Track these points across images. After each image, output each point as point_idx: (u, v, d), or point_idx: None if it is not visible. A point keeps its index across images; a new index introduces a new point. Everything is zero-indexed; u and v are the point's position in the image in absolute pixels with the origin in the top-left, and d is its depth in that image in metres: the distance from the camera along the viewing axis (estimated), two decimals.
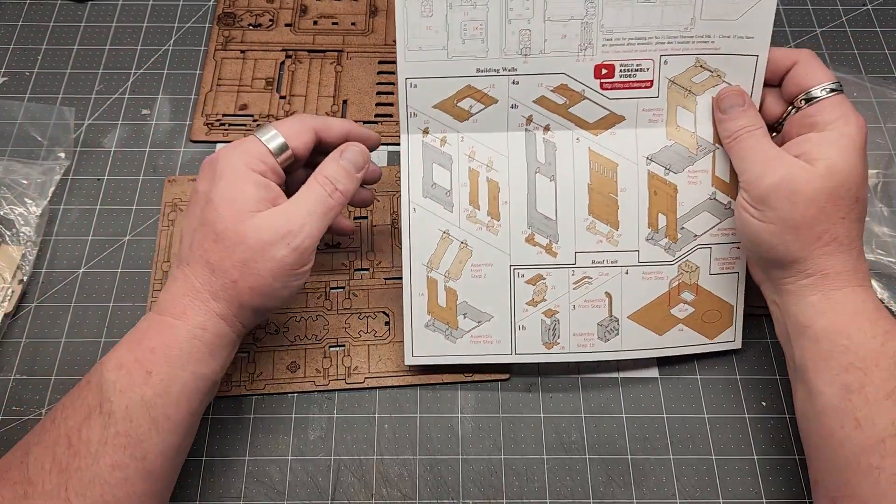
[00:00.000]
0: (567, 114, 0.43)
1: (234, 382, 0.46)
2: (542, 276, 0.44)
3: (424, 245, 0.44)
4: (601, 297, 0.44)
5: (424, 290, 0.44)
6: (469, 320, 0.45)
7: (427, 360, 0.45)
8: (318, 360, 0.47)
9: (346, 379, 0.46)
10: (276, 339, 0.47)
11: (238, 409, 0.45)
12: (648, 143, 0.44)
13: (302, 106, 0.56)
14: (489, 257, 0.44)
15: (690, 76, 0.43)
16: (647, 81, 0.43)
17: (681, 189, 0.44)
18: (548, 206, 0.44)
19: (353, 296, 0.49)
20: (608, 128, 0.44)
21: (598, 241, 0.44)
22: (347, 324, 0.48)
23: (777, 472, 0.43)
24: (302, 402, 0.45)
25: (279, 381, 0.46)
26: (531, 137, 0.44)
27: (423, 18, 0.41)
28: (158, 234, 0.50)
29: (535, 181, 0.44)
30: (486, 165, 0.44)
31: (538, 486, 0.43)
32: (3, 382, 0.45)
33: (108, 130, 0.55)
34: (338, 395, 0.46)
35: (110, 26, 0.60)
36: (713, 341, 0.45)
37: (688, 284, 0.45)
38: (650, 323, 0.45)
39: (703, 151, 0.44)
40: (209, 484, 0.43)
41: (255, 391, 0.46)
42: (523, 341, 0.45)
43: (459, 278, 0.44)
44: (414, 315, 0.44)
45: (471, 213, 0.44)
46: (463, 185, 0.44)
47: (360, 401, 0.46)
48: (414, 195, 0.44)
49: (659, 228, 0.44)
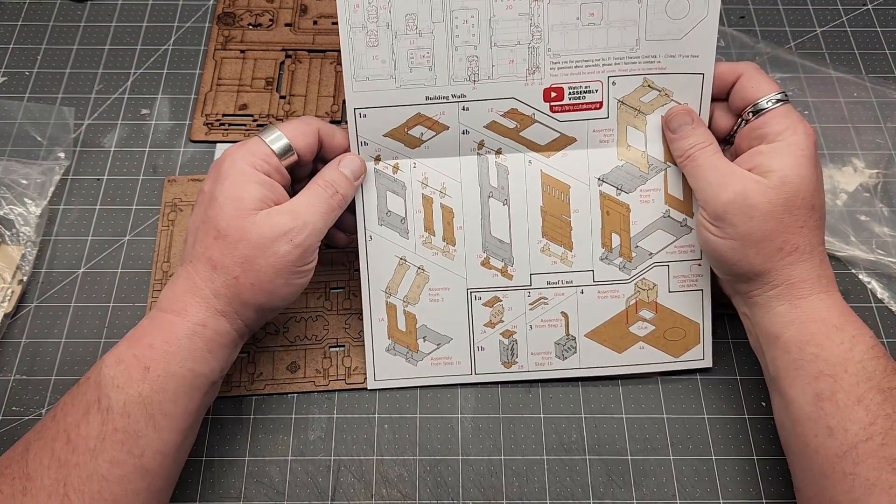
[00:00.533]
0: (518, 137, 0.43)
1: (234, 383, 0.46)
2: (499, 298, 0.45)
3: (382, 271, 0.45)
4: (557, 316, 0.45)
5: (384, 315, 0.45)
6: (429, 343, 0.45)
7: (389, 384, 0.46)
8: (318, 361, 0.47)
9: (346, 379, 0.46)
10: (276, 340, 0.47)
11: (238, 409, 0.45)
12: (600, 163, 0.44)
13: (302, 106, 0.56)
14: (446, 281, 0.45)
15: (639, 96, 0.43)
16: (596, 103, 0.43)
17: (634, 208, 0.44)
18: (502, 229, 0.44)
19: (353, 296, 0.49)
20: (560, 149, 0.44)
21: (552, 262, 0.45)
22: (347, 324, 0.48)
23: (777, 473, 0.43)
24: (302, 403, 0.45)
25: (279, 381, 0.46)
26: (483, 162, 0.44)
27: (368, 48, 0.41)
28: (158, 234, 0.50)
29: (489, 205, 0.44)
30: (439, 192, 0.44)
31: (538, 487, 0.43)
32: (3, 382, 0.45)
33: (108, 130, 0.55)
34: (338, 396, 0.46)
35: (110, 26, 0.60)
36: (679, 359, 0.46)
37: (646, 302, 0.45)
38: (608, 341, 0.45)
39: (654, 170, 0.44)
40: (209, 484, 0.43)
41: (255, 391, 0.46)
42: (482, 362, 0.45)
43: (418, 303, 0.45)
44: (375, 339, 0.45)
45: (426, 239, 0.44)
46: (417, 211, 0.44)
47: (360, 401, 0.46)
48: (370, 223, 0.44)
49: (613, 248, 0.44)
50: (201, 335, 0.37)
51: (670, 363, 0.45)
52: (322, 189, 0.40)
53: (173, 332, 0.36)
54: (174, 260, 0.49)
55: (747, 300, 0.40)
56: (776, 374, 0.39)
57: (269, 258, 0.37)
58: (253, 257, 0.37)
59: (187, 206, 0.52)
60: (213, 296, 0.37)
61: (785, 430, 0.39)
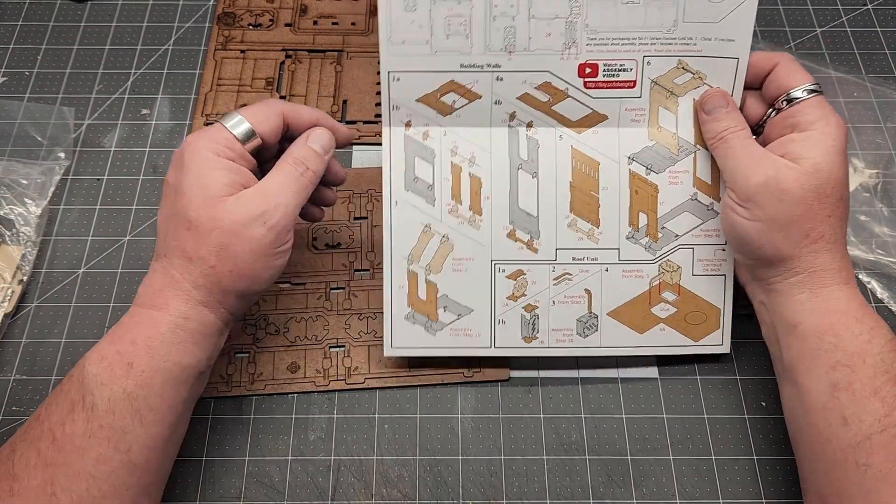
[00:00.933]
0: (550, 111, 0.43)
1: (235, 383, 0.46)
2: (523, 271, 0.44)
3: (406, 238, 0.44)
4: (581, 293, 0.45)
5: (405, 283, 0.44)
6: (449, 313, 0.45)
7: (405, 352, 0.45)
8: (318, 361, 0.47)
9: (346, 379, 0.46)
10: (276, 340, 0.47)
11: (238, 409, 0.45)
12: (630, 142, 0.44)
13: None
14: (470, 252, 0.44)
15: (672, 77, 0.43)
16: (630, 81, 0.43)
17: (662, 189, 0.44)
18: (530, 202, 0.44)
19: (353, 296, 0.49)
20: (591, 126, 0.44)
21: (578, 238, 0.44)
22: (348, 324, 0.48)
23: (777, 472, 0.43)
24: (302, 403, 0.45)
25: (279, 381, 0.46)
26: (514, 134, 0.44)
27: (406, 13, 0.41)
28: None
29: (518, 177, 0.44)
30: (468, 161, 0.44)
31: (538, 487, 0.43)
32: (3, 383, 0.45)
33: (108, 130, 0.55)
34: (338, 396, 0.46)
35: (110, 26, 0.60)
36: (698, 343, 0.45)
37: (669, 284, 0.45)
38: (630, 321, 0.45)
39: (684, 152, 0.44)
40: (209, 484, 0.43)
41: (255, 391, 0.46)
42: (503, 335, 0.45)
43: (440, 272, 0.44)
44: (394, 307, 0.45)
45: (453, 207, 0.44)
46: (445, 179, 0.44)
47: (360, 401, 0.46)
48: (396, 188, 0.44)
49: (639, 227, 0.44)
50: (184, 328, 0.37)
51: (689, 347, 0.45)
52: (292, 167, 0.39)
53: (156, 327, 0.36)
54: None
55: (767, 287, 0.40)
56: (791, 363, 0.39)
57: (244, 243, 0.37)
58: (228, 244, 0.36)
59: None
60: (192, 287, 0.37)
61: (796, 421, 0.39)
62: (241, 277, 0.37)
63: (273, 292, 0.49)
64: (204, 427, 0.44)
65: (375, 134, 0.55)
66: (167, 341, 0.36)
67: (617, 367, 0.47)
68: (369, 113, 0.56)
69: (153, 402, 0.35)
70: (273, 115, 0.40)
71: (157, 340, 0.36)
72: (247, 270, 0.37)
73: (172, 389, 0.36)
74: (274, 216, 0.37)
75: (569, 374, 0.46)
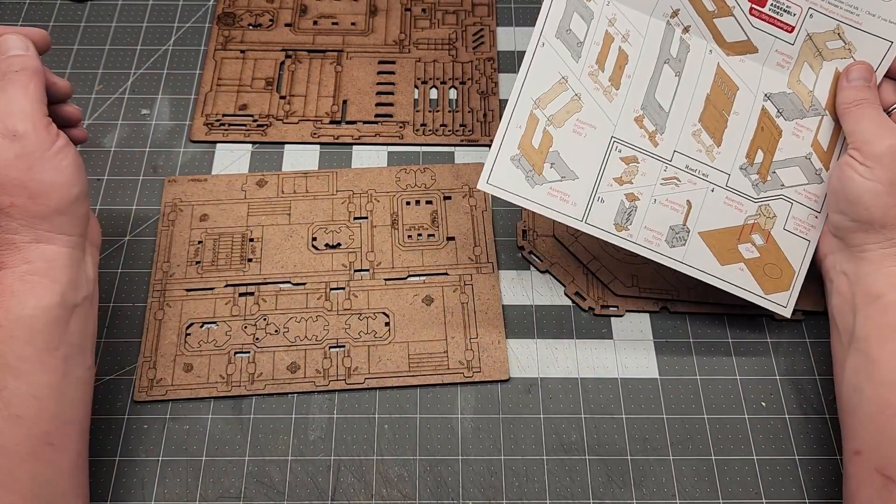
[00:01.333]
0: (711, 23, 0.45)
1: (235, 383, 0.46)
2: (637, 159, 0.45)
3: (540, 82, 0.45)
4: (682, 202, 0.45)
5: (524, 124, 0.45)
6: (554, 171, 0.45)
7: (499, 193, 0.45)
8: (318, 361, 0.47)
9: (347, 379, 0.46)
10: (276, 340, 0.47)
11: (238, 409, 0.45)
12: (770, 82, 0.45)
13: (302, 105, 0.56)
14: (596, 119, 0.45)
15: (825, 40, 0.44)
16: (789, 26, 0.44)
17: (784, 135, 0.45)
18: (665, 96, 0.45)
19: (354, 296, 0.49)
20: (740, 54, 0.45)
21: (698, 149, 0.45)
22: (347, 324, 0.48)
23: (777, 472, 0.43)
24: (302, 403, 0.45)
25: (279, 381, 0.46)
26: (669, 31, 0.45)
27: None
28: (158, 234, 0.50)
29: (662, 70, 0.45)
30: (622, 36, 0.45)
31: (538, 487, 0.43)
32: None
33: (108, 130, 0.55)
34: (338, 396, 0.46)
35: (110, 26, 0.60)
36: (766, 296, 0.46)
37: (761, 228, 0.45)
38: (716, 248, 0.45)
39: (813, 111, 0.45)
40: (209, 484, 0.43)
41: (255, 391, 0.46)
42: (597, 213, 0.45)
43: (561, 127, 0.45)
44: (504, 144, 0.45)
45: (594, 71, 0.45)
46: (595, 43, 0.45)
47: (360, 401, 0.46)
48: (547, 30, 0.44)
49: (754, 163, 0.45)
50: (32, 271, 0.36)
51: (758, 297, 0.46)
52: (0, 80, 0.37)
53: (2, 283, 0.36)
54: (174, 260, 0.49)
55: (856, 255, 0.41)
56: (865, 335, 0.39)
57: (12, 164, 0.36)
58: (2, 177, 0.36)
59: (187, 205, 0.52)
60: (13, 234, 0.36)
61: (859, 393, 0.39)
62: (39, 195, 0.36)
63: (273, 292, 0.49)
64: (204, 427, 0.44)
65: (375, 134, 0.55)
66: (18, 291, 0.36)
67: (617, 367, 0.47)
68: (369, 113, 0.56)
69: (24, 352, 0.35)
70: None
71: (7, 295, 0.35)
72: (37, 186, 0.36)
73: (44, 333, 0.36)
74: (14, 123, 0.36)
75: (569, 374, 0.46)
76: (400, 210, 0.52)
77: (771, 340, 0.48)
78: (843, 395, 0.40)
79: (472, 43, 0.60)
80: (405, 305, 0.48)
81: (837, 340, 0.42)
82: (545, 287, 0.49)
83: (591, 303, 0.49)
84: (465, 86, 0.58)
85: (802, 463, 0.44)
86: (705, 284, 0.45)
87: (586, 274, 0.49)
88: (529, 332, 0.48)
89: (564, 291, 0.49)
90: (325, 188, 0.53)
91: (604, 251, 0.50)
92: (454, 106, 0.57)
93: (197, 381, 0.46)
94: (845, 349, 0.41)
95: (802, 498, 0.43)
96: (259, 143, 0.55)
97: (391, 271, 0.50)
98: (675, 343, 0.47)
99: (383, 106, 0.57)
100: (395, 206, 0.52)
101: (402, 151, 0.55)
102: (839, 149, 0.45)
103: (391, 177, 0.53)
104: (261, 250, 0.50)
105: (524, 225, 0.51)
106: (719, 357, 0.47)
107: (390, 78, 0.58)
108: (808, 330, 0.48)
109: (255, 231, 0.51)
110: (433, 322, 0.48)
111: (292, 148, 0.55)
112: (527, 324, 0.48)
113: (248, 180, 0.53)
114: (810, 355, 0.47)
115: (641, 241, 0.45)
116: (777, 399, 0.46)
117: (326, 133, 0.55)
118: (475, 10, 0.62)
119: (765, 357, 0.47)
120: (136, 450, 0.44)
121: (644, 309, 0.48)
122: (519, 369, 0.47)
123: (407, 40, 0.60)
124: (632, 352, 0.47)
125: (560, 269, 0.50)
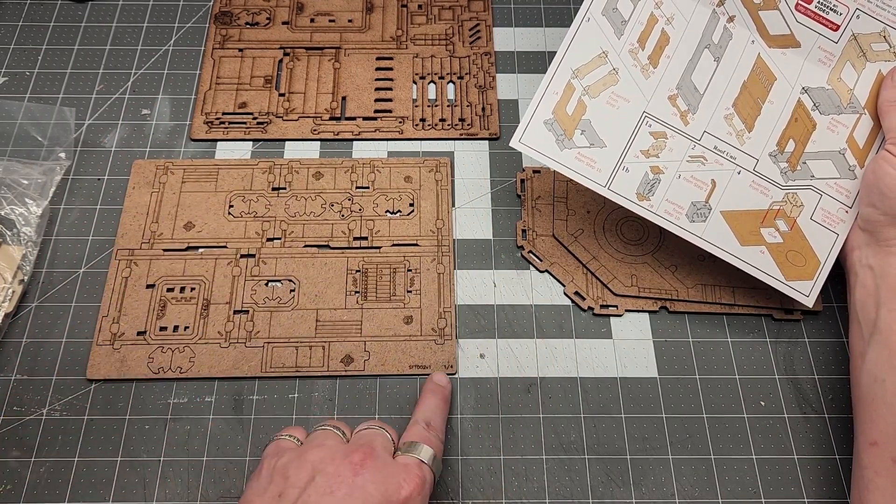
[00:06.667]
0: (756, 14, 0.46)
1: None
2: (667, 135, 0.46)
3: (580, 54, 0.46)
4: (706, 181, 0.46)
5: (560, 91, 0.46)
6: (584, 138, 0.46)
7: (529, 152, 0.46)
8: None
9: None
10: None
11: (238, 409, 0.45)
12: (810, 77, 0.46)
13: (301, 103, 0.56)
14: (630, 94, 0.46)
15: (871, 41, 0.45)
16: (834, 24, 0.45)
17: (819, 129, 0.46)
18: (702, 79, 0.46)
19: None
20: (782, 47, 0.46)
21: (728, 132, 0.46)
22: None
23: (775, 472, 0.43)
24: (302, 403, 0.46)
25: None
26: (714, 19, 0.46)
27: None
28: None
29: (701, 54, 0.46)
30: (666, 18, 0.46)
31: (537, 487, 0.43)
32: (4, 382, 0.46)
33: (109, 130, 0.55)
34: (338, 396, 0.46)
35: (110, 26, 0.60)
36: (787, 282, 0.46)
37: (786, 215, 0.46)
38: (738, 228, 0.46)
39: (851, 109, 0.46)
40: (209, 484, 0.43)
41: (255, 391, 0.46)
42: (620, 182, 0.46)
43: (596, 98, 0.46)
44: (540, 107, 0.46)
45: (634, 48, 0.46)
46: (639, 23, 0.46)
47: (361, 401, 0.46)
48: (594, 8, 0.46)
49: (784, 151, 0.46)
50: None
51: (779, 282, 0.46)
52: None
53: None
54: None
55: (886, 248, 0.42)
56: (889, 327, 0.40)
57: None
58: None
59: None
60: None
61: (878, 384, 0.40)
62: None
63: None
64: (204, 427, 0.45)
65: (375, 130, 0.55)
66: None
67: (616, 367, 0.47)
68: (368, 109, 0.56)
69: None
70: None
71: None
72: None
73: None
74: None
75: (568, 374, 0.46)
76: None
77: (770, 340, 0.47)
78: (863, 385, 0.41)
79: (469, 38, 0.60)
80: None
81: (857, 333, 0.42)
82: (544, 287, 0.49)
83: (590, 302, 0.48)
84: (463, 80, 0.57)
85: (801, 462, 0.44)
86: (705, 284, 0.45)
87: (586, 274, 0.49)
88: (529, 331, 0.48)
89: (564, 291, 0.49)
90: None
91: (603, 251, 0.50)
92: (452, 100, 0.57)
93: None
94: (866, 342, 0.41)
95: (801, 497, 0.43)
96: (259, 141, 0.55)
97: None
98: (674, 343, 0.47)
99: (382, 102, 0.56)
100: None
101: (402, 147, 0.55)
102: (877, 147, 0.45)
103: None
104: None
105: (523, 225, 0.51)
106: (718, 357, 0.47)
107: (388, 74, 0.58)
108: (806, 330, 0.48)
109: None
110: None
111: (293, 145, 0.55)
112: (526, 323, 0.48)
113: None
114: (809, 355, 0.47)
115: (661, 213, 0.46)
116: (776, 398, 0.46)
117: (326, 129, 0.55)
118: (471, 5, 0.61)
119: (764, 357, 0.47)
120: (137, 450, 0.44)
121: (643, 309, 0.48)
122: (518, 369, 0.47)
123: (404, 36, 0.60)
124: (631, 351, 0.47)
125: (559, 269, 0.50)
